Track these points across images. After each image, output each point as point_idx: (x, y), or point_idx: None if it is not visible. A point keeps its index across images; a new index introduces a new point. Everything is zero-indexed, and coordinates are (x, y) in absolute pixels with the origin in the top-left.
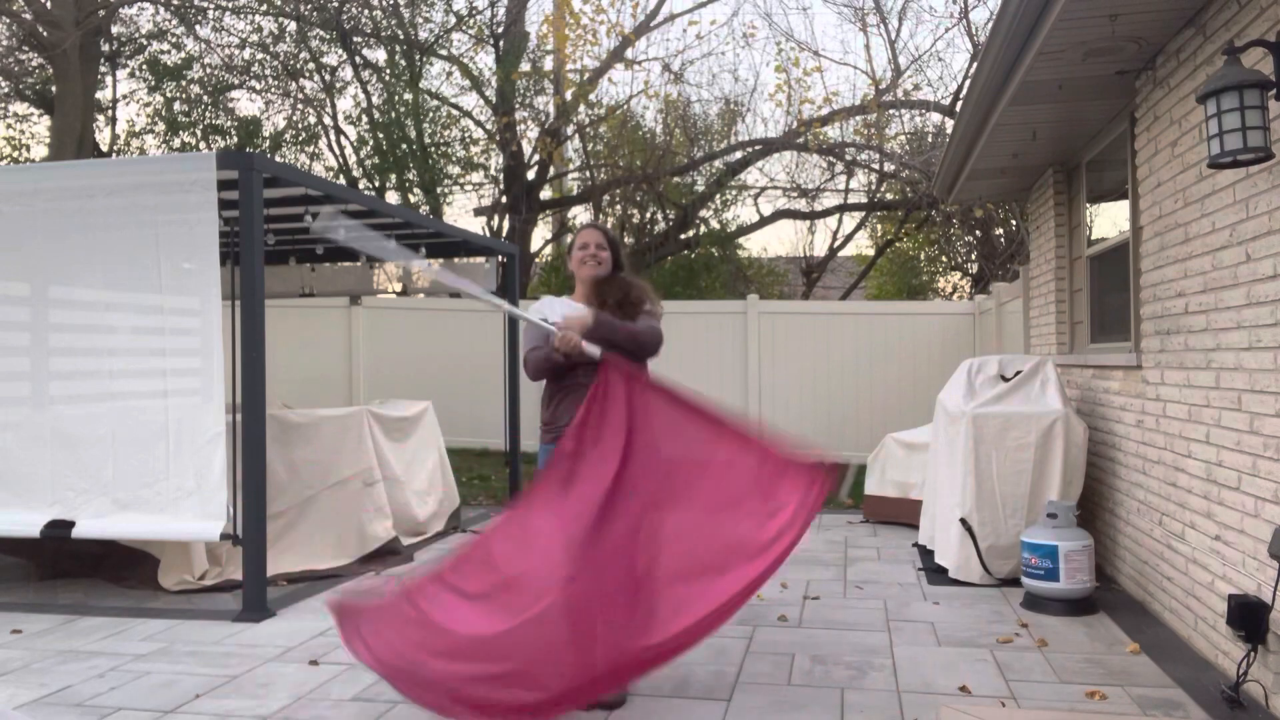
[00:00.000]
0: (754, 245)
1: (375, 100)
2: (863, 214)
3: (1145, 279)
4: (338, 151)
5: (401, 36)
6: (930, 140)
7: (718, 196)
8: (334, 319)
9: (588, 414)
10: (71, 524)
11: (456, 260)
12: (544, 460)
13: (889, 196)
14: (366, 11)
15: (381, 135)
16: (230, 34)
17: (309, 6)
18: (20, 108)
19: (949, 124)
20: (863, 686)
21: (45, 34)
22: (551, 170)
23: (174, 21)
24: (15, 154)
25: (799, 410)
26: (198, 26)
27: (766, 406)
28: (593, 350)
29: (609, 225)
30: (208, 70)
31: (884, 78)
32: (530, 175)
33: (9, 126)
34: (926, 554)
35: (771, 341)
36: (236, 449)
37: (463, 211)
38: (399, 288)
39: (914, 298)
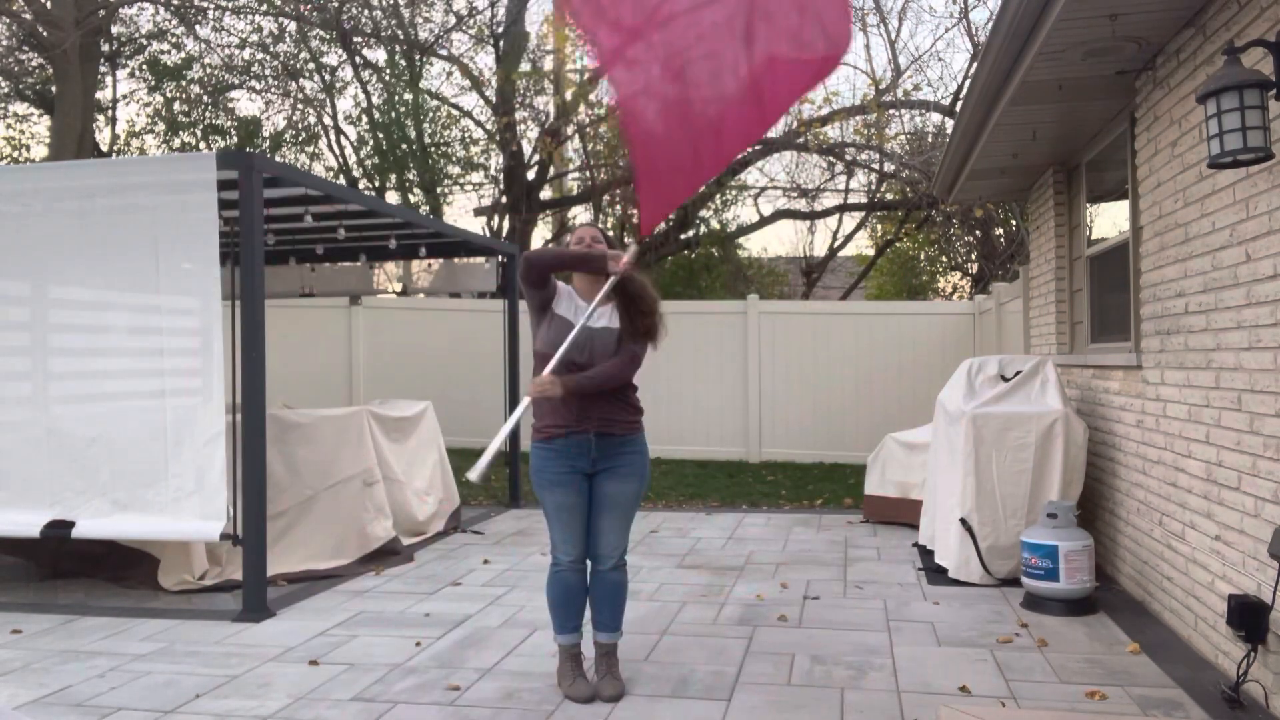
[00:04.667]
0: (754, 245)
1: (375, 100)
2: (863, 214)
3: (1145, 279)
4: (338, 151)
5: (401, 36)
6: (930, 140)
7: (718, 196)
8: (334, 319)
9: None
10: (71, 524)
11: (456, 260)
12: (536, 462)
13: (889, 196)
14: (366, 11)
15: (381, 135)
16: (230, 34)
17: (309, 6)
18: (20, 108)
19: (949, 124)
20: (863, 686)
21: (45, 34)
22: (551, 170)
23: (174, 21)
24: (15, 154)
25: (799, 410)
26: (198, 26)
27: (766, 406)
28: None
29: (609, 225)
30: (208, 70)
31: (884, 78)
32: (530, 175)
33: (9, 126)
34: (926, 554)
35: (772, 342)
36: (236, 449)
37: (463, 211)
38: (399, 288)
39: (914, 298)
